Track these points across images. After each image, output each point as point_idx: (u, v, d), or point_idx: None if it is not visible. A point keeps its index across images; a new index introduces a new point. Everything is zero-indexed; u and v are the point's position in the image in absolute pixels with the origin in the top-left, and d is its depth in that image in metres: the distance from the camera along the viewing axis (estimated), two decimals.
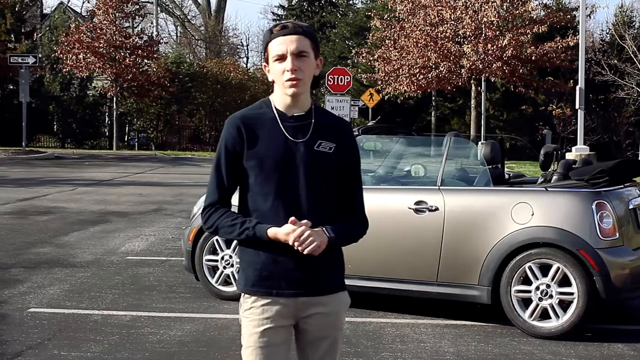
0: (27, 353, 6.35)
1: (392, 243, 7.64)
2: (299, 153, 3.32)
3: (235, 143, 3.33)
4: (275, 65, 3.33)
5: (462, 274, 7.37)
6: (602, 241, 7.00)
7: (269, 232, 3.25)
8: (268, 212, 3.30)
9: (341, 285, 3.47)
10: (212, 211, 3.38)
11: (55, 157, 32.93)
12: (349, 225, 3.42)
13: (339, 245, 3.40)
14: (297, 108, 3.37)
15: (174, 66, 44.60)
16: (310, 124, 3.37)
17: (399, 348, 6.72)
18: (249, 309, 3.36)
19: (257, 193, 3.33)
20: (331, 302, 3.40)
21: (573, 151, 25.58)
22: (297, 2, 59.47)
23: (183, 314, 7.72)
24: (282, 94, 3.36)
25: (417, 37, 33.56)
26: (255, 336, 3.33)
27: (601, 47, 42.92)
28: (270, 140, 3.32)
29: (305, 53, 3.31)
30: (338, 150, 3.38)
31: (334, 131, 3.41)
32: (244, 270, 3.39)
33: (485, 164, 8.04)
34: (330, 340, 3.42)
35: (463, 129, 38.46)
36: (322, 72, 23.08)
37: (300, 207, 3.29)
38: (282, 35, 3.31)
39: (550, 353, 6.69)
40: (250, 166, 3.32)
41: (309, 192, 3.31)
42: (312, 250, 3.21)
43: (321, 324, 3.39)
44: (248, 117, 3.37)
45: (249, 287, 3.36)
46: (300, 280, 3.32)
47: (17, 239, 11.78)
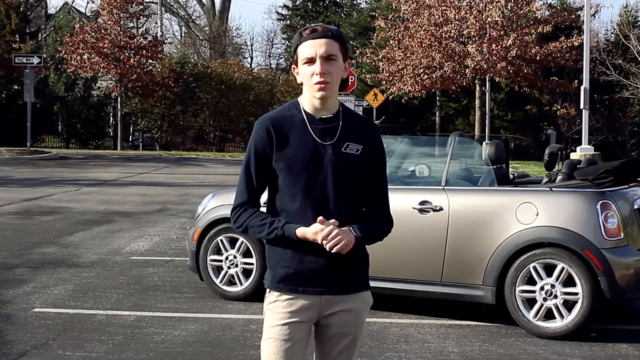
0: (31, 353, 6.36)
1: (396, 243, 7.62)
2: (327, 155, 3.39)
3: (265, 145, 3.40)
4: (304, 68, 3.39)
5: (467, 274, 7.37)
6: (606, 241, 6.99)
7: (297, 232, 3.32)
8: (296, 212, 3.37)
9: (365, 284, 3.54)
10: (241, 211, 3.46)
11: (60, 157, 32.98)
12: (374, 225, 3.50)
13: (365, 244, 3.48)
14: (325, 110, 3.43)
15: (179, 66, 44.60)
16: (338, 126, 3.43)
17: (403, 348, 6.72)
18: (273, 301, 3.44)
19: (285, 193, 3.40)
20: (354, 301, 3.47)
21: (578, 151, 25.55)
22: (301, 3, 59.49)
23: (187, 314, 7.72)
24: (310, 96, 3.42)
25: (421, 37, 33.52)
26: (277, 329, 3.40)
27: (606, 47, 42.86)
28: (299, 142, 3.39)
29: (334, 56, 3.37)
30: (365, 152, 3.45)
31: (361, 133, 3.47)
32: (272, 267, 3.46)
33: (489, 164, 8.03)
34: (350, 337, 3.48)
35: (467, 129, 38.44)
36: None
37: (328, 208, 3.36)
38: (312, 38, 3.37)
39: (554, 353, 6.68)
40: (279, 167, 3.39)
41: (336, 193, 3.38)
42: (340, 249, 3.28)
43: (343, 321, 3.46)
44: (277, 119, 3.44)
45: (275, 284, 3.44)
46: (326, 279, 3.40)
47: (22, 239, 11.80)
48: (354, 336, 3.49)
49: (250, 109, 44.27)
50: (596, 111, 38.17)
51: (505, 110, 40.63)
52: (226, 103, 44.77)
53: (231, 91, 45.04)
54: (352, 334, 3.48)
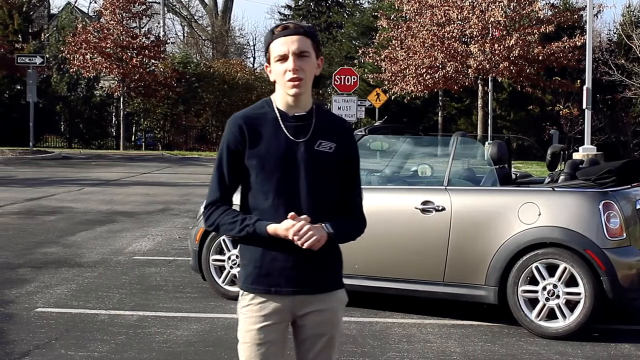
0: (34, 352, 6.36)
1: (398, 243, 7.64)
2: (300, 152, 3.37)
3: (237, 142, 3.38)
4: (276, 65, 3.37)
5: (469, 274, 7.37)
6: (609, 241, 6.99)
7: (268, 229, 3.30)
8: (268, 210, 3.35)
9: (339, 283, 3.53)
10: (213, 209, 3.44)
11: (63, 157, 33.00)
12: (347, 223, 3.47)
13: (337, 243, 3.46)
14: (298, 108, 3.41)
15: (181, 66, 44.62)
16: (311, 124, 3.42)
17: (406, 348, 6.72)
18: (246, 305, 3.42)
19: (257, 191, 3.38)
20: (328, 300, 3.46)
21: (580, 151, 25.54)
22: (303, 2, 59.46)
23: (190, 313, 7.73)
24: (283, 94, 3.40)
25: (423, 37, 33.50)
26: (252, 333, 3.39)
27: (608, 47, 42.81)
28: (272, 139, 3.37)
29: (306, 53, 3.35)
30: (338, 150, 3.43)
31: (334, 131, 3.46)
32: (244, 267, 3.45)
33: (492, 164, 8.03)
34: (327, 337, 3.46)
35: (470, 129, 38.41)
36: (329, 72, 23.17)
37: (300, 206, 3.34)
38: (284, 35, 3.35)
39: (557, 353, 6.68)
40: (251, 165, 3.37)
41: (309, 191, 3.36)
42: (312, 245, 3.25)
43: (318, 321, 3.44)
44: (250, 116, 3.42)
45: (247, 285, 3.42)
46: (299, 278, 3.38)
47: (25, 239, 11.81)
48: (331, 336, 3.47)
49: None
50: (599, 111, 38.14)
51: (507, 110, 40.60)
52: (228, 103, 44.77)
53: (233, 91, 45.06)
54: (329, 333, 3.46)
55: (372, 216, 7.61)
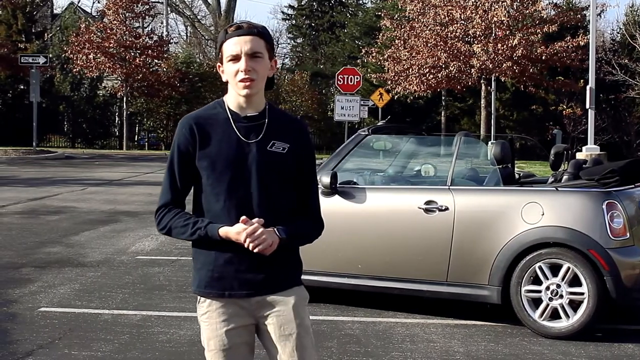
0: (37, 352, 6.37)
1: (402, 243, 7.64)
2: (251, 154, 3.31)
3: (188, 143, 3.33)
4: (229, 65, 3.32)
5: (472, 273, 7.36)
6: (612, 241, 6.98)
7: (220, 232, 3.25)
8: (220, 212, 3.30)
9: (295, 281, 3.44)
10: (165, 212, 3.38)
11: (66, 157, 33.03)
12: (302, 226, 3.40)
13: (291, 246, 3.38)
14: (250, 108, 3.36)
15: (184, 66, 44.67)
16: (264, 124, 3.35)
17: (409, 348, 6.72)
18: (205, 313, 3.39)
19: (209, 194, 3.33)
20: (287, 299, 3.37)
21: (583, 151, 25.51)
22: (306, 2, 59.47)
23: (193, 313, 7.71)
24: (235, 94, 3.35)
25: (427, 37, 33.51)
26: (216, 339, 3.36)
27: (612, 47, 42.80)
28: (223, 140, 3.31)
29: (259, 54, 3.29)
30: (292, 151, 3.36)
31: (288, 131, 3.39)
32: (197, 271, 3.39)
33: (495, 163, 8.02)
34: (295, 338, 3.35)
35: (473, 128, 38.39)
36: (332, 71, 23.07)
37: (252, 208, 3.29)
38: (237, 35, 3.30)
39: (560, 353, 6.68)
40: (202, 167, 3.32)
41: (261, 193, 3.30)
42: (263, 249, 3.20)
43: (280, 322, 3.35)
44: (201, 117, 3.37)
45: (201, 289, 3.38)
46: (253, 280, 3.32)
47: (28, 239, 11.82)
48: (299, 336, 3.35)
49: None
50: (602, 111, 38.10)
51: (510, 110, 40.59)
52: None
53: None
54: (295, 333, 3.35)
55: (375, 216, 7.67)
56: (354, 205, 7.69)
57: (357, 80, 29.39)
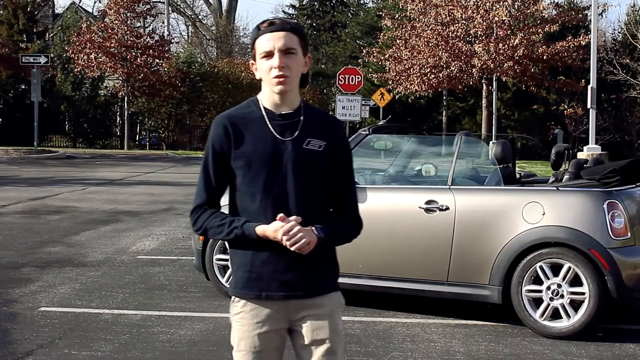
0: (37, 352, 6.37)
1: (402, 242, 7.63)
2: (287, 152, 3.26)
3: (223, 143, 3.29)
4: (262, 62, 3.26)
5: (473, 273, 7.35)
6: (613, 241, 6.97)
7: (257, 230, 3.19)
8: (256, 211, 3.25)
9: (333, 285, 3.39)
10: (200, 212, 3.34)
11: (67, 156, 33.03)
12: (339, 225, 3.35)
13: (329, 245, 3.33)
14: (285, 106, 3.30)
15: (185, 66, 44.62)
16: (299, 122, 3.30)
17: (409, 348, 6.71)
18: (238, 313, 3.34)
19: (244, 193, 3.28)
20: (324, 304, 3.33)
21: (584, 151, 25.49)
22: (308, 2, 59.46)
23: (193, 313, 7.72)
24: (269, 92, 3.30)
25: (428, 37, 33.48)
26: (246, 341, 3.32)
27: (613, 46, 42.76)
28: (258, 139, 3.26)
29: (293, 50, 3.24)
30: (328, 149, 3.31)
31: (324, 129, 3.34)
32: (234, 273, 3.35)
33: (496, 163, 8.01)
34: (327, 345, 3.31)
35: (474, 128, 38.37)
36: (333, 71, 22.98)
37: (288, 207, 3.23)
38: (270, 31, 3.24)
39: (561, 353, 6.67)
40: (237, 166, 3.28)
41: (298, 191, 3.25)
42: (301, 247, 3.15)
43: (315, 326, 3.31)
44: (235, 116, 3.33)
45: (238, 290, 3.33)
46: (290, 281, 3.26)
47: (29, 238, 11.82)
48: (331, 341, 3.31)
49: None
50: (603, 111, 38.06)
51: (512, 109, 40.56)
52: (233, 103, 44.61)
53: (238, 91, 45.02)
54: (328, 339, 3.30)
55: (376, 215, 7.66)
56: None
57: (358, 80, 29.36)
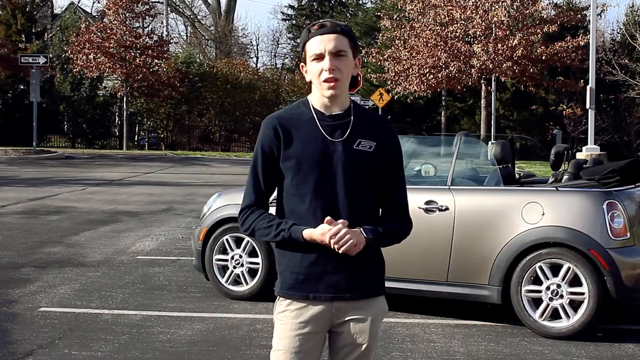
0: (37, 352, 6.37)
1: (402, 243, 7.60)
2: (337, 152, 3.23)
3: (272, 144, 3.26)
4: (313, 64, 3.25)
5: (473, 273, 7.36)
6: (613, 241, 6.98)
7: (304, 233, 3.17)
8: (305, 213, 3.22)
9: (380, 289, 3.39)
10: (248, 213, 3.31)
11: (66, 157, 33.02)
12: (389, 226, 3.34)
13: (378, 247, 3.33)
14: (335, 107, 3.28)
15: (184, 66, 44.62)
16: (349, 123, 3.27)
17: (409, 348, 6.72)
18: (283, 311, 3.30)
19: (293, 195, 3.25)
20: (367, 309, 3.32)
21: (583, 151, 25.52)
22: (306, 2, 59.51)
23: (193, 313, 7.73)
24: (319, 94, 3.28)
25: (427, 37, 33.51)
26: (287, 340, 3.26)
27: (612, 47, 42.78)
28: (308, 140, 3.24)
29: (343, 52, 3.23)
30: (379, 149, 3.28)
31: (374, 129, 3.31)
32: (281, 274, 3.31)
33: (495, 163, 8.02)
34: (364, 348, 3.31)
35: (473, 128, 38.38)
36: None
37: (338, 208, 3.21)
38: (320, 34, 3.23)
39: (561, 353, 6.67)
40: (287, 167, 3.25)
41: (348, 193, 3.22)
42: (349, 249, 3.13)
43: (356, 330, 3.30)
44: (285, 117, 3.30)
45: (285, 291, 3.29)
46: (338, 283, 3.24)
47: (28, 239, 11.82)
48: (368, 346, 3.30)
49: (256, 108, 44.28)
50: (602, 111, 38.09)
51: (511, 110, 40.57)
52: (232, 103, 44.78)
53: (237, 91, 45.06)
54: (365, 344, 3.30)
55: None
56: None
57: (357, 80, 29.34)
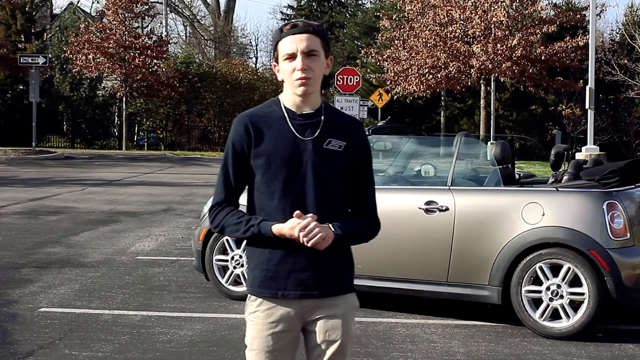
0: (38, 352, 6.37)
1: (402, 243, 7.64)
2: (307, 151, 3.28)
3: (243, 142, 3.31)
4: (285, 64, 3.29)
5: (473, 274, 7.36)
6: (613, 241, 6.99)
7: (273, 229, 3.22)
8: (274, 211, 3.27)
9: (349, 286, 3.41)
10: (218, 210, 3.36)
11: (65, 157, 33.00)
12: (358, 224, 3.37)
13: (345, 244, 3.35)
14: (306, 106, 3.34)
15: (183, 66, 44.64)
16: (320, 122, 3.33)
17: (409, 348, 6.72)
18: (254, 312, 3.34)
19: (263, 192, 3.30)
20: (338, 305, 3.35)
21: (583, 151, 25.51)
22: (306, 2, 59.50)
23: (193, 313, 7.73)
24: (291, 93, 3.32)
25: (426, 37, 33.52)
26: (260, 340, 3.31)
27: (611, 47, 42.77)
28: (278, 138, 3.28)
29: (315, 52, 3.27)
30: (348, 149, 3.33)
31: (344, 129, 3.36)
32: (251, 271, 3.37)
33: (495, 164, 8.03)
34: (338, 345, 3.34)
35: (472, 129, 38.39)
36: (332, 71, 23.00)
37: (306, 206, 3.25)
38: (293, 34, 3.27)
39: (561, 353, 6.68)
40: (257, 165, 3.29)
41: (316, 191, 3.27)
42: (317, 242, 3.16)
43: (328, 327, 3.33)
44: (256, 115, 3.34)
45: (255, 288, 3.34)
46: (307, 280, 3.28)
47: (28, 239, 11.81)
48: (342, 343, 3.33)
49: None
50: (601, 111, 38.07)
51: (510, 110, 40.58)
52: (231, 103, 44.79)
53: (236, 91, 45.07)
54: (339, 340, 3.33)
55: None
56: None
57: (357, 81, 29.34)
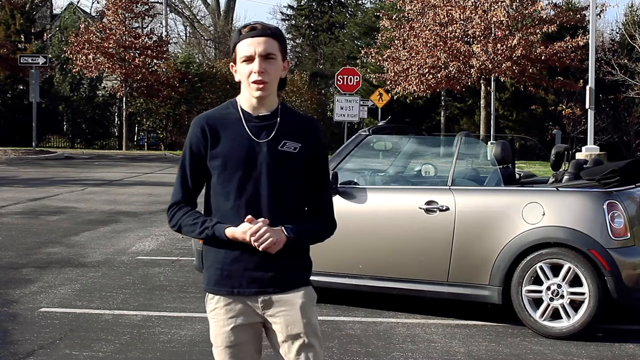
0: (38, 352, 6.37)
1: (402, 243, 7.63)
2: (262, 153, 3.33)
3: (200, 143, 3.36)
4: (242, 66, 3.36)
5: (473, 274, 7.36)
6: (613, 241, 6.99)
7: (226, 232, 3.29)
8: (229, 211, 3.34)
9: (304, 281, 3.45)
10: (175, 210, 3.44)
11: (65, 157, 33.01)
12: (311, 226, 3.43)
13: (300, 246, 3.39)
14: (263, 108, 3.39)
15: (183, 66, 44.64)
16: (276, 124, 3.37)
17: (410, 348, 6.72)
18: (213, 309, 3.42)
19: (219, 193, 3.37)
20: (294, 299, 3.38)
21: (583, 151, 25.51)
22: (306, 2, 59.49)
23: (194, 313, 7.73)
24: (248, 95, 3.38)
25: (426, 37, 33.52)
26: (222, 336, 3.38)
27: (611, 47, 42.77)
28: (234, 140, 3.34)
29: (272, 55, 3.32)
30: (303, 151, 3.38)
31: (300, 131, 3.41)
32: (207, 270, 3.44)
33: (495, 163, 8.03)
34: (302, 338, 3.36)
35: (472, 128, 38.38)
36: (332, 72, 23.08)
37: (261, 207, 3.31)
38: (251, 36, 3.33)
39: (561, 353, 6.68)
40: (213, 166, 3.35)
41: (271, 192, 3.32)
42: (268, 247, 3.23)
43: (288, 322, 3.37)
44: (213, 117, 3.41)
45: (211, 286, 3.42)
46: (261, 279, 3.35)
47: (28, 239, 11.81)
48: (306, 335, 3.36)
49: None
50: (601, 111, 38.07)
51: (510, 110, 40.58)
52: None
53: (236, 91, 43.51)
54: (302, 333, 3.36)
55: (376, 216, 7.67)
56: (355, 206, 7.69)
57: (357, 81, 29.37)
